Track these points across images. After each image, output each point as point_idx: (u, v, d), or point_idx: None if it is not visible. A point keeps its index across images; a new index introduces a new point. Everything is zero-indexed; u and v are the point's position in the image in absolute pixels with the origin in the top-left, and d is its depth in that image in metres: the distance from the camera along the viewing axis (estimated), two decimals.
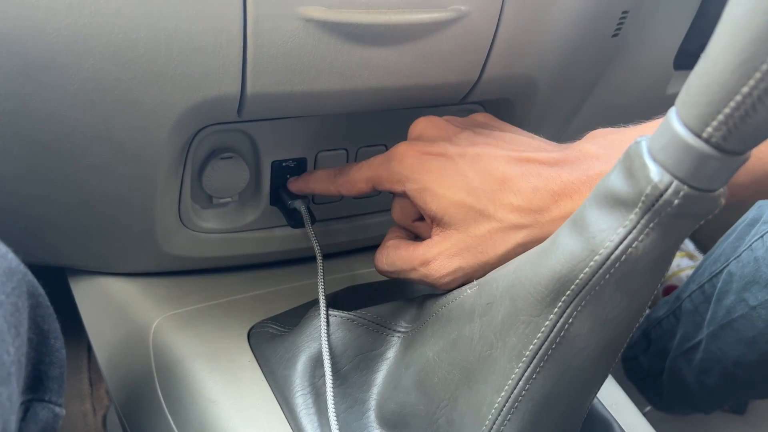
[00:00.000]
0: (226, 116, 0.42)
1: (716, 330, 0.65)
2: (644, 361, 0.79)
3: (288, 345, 0.43)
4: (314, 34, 0.38)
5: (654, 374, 0.78)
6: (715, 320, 0.65)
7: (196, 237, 0.50)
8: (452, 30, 0.42)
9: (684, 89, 0.27)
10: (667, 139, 0.27)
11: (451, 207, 0.38)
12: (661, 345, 0.75)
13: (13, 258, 0.31)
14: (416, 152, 0.40)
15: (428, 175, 0.39)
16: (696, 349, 0.69)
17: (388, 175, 0.41)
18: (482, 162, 0.39)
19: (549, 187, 0.37)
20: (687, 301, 0.71)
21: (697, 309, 0.69)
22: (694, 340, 0.69)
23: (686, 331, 0.70)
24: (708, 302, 0.67)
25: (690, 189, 0.27)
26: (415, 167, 0.40)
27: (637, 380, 0.80)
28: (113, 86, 0.38)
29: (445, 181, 0.39)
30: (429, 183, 0.39)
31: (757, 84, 0.24)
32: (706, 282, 0.68)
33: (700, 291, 0.69)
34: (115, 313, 0.52)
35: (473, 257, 0.38)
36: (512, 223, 0.37)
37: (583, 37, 0.50)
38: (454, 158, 0.39)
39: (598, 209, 0.30)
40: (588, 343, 0.32)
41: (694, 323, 0.69)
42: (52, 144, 0.40)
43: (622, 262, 0.29)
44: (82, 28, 0.35)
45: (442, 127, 0.42)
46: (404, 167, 0.40)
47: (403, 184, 0.40)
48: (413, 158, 0.40)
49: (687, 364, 0.71)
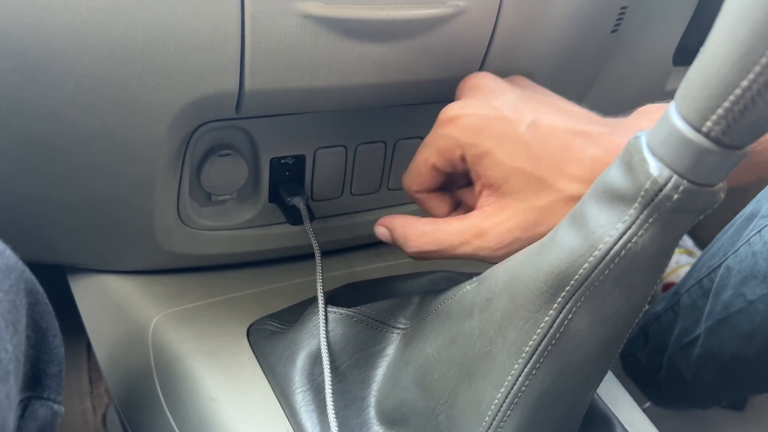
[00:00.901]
0: (225, 113, 0.42)
1: (714, 325, 0.65)
2: (642, 357, 0.79)
3: (287, 342, 0.43)
4: (312, 30, 0.38)
5: (652, 370, 0.78)
6: (713, 315, 0.65)
7: (195, 234, 0.50)
8: (451, 26, 0.42)
9: (683, 83, 0.27)
10: (666, 133, 0.27)
11: (512, 174, 0.37)
12: (659, 340, 0.75)
13: (11, 255, 0.31)
14: (472, 114, 0.38)
15: (488, 139, 0.37)
16: (694, 345, 0.69)
17: (444, 143, 0.39)
18: (541, 129, 0.37)
19: (608, 158, 0.34)
20: (685, 296, 0.71)
21: (695, 304, 0.69)
22: (692, 335, 0.69)
23: (684, 327, 0.70)
24: (706, 297, 0.67)
25: (689, 184, 0.27)
26: (474, 130, 0.37)
27: (635, 376, 0.80)
28: (111, 83, 0.37)
29: (506, 147, 0.37)
30: (489, 147, 0.37)
31: (756, 78, 0.24)
32: (704, 277, 0.68)
33: (698, 286, 0.69)
34: (114, 311, 0.52)
35: (532, 228, 0.37)
36: (573, 194, 0.36)
37: (582, 32, 0.50)
38: (513, 122, 0.37)
39: (597, 204, 0.30)
40: (587, 338, 0.32)
41: (692, 318, 0.69)
42: (50, 142, 0.40)
43: (622, 257, 0.29)
44: (78, 25, 0.35)
45: (494, 86, 0.40)
46: (462, 131, 0.38)
47: (462, 149, 0.38)
48: (470, 119, 0.38)
49: (685, 359, 0.71)
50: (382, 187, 0.55)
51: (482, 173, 0.38)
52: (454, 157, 0.39)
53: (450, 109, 0.39)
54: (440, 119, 0.39)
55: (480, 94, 0.40)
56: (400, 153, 0.53)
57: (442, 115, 0.39)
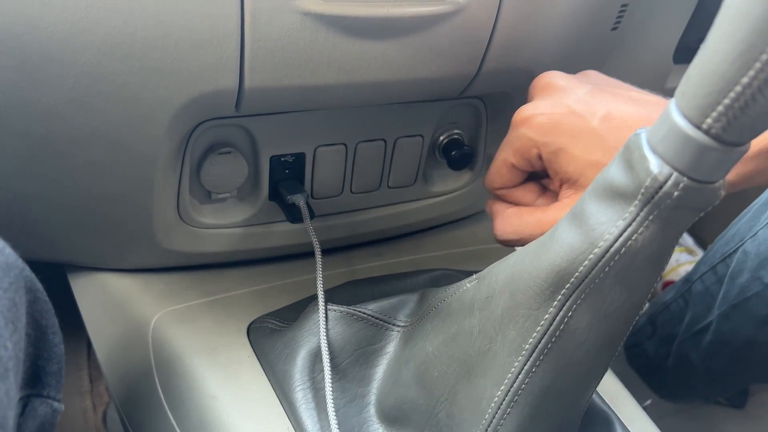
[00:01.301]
0: (224, 111, 0.42)
1: (728, 310, 0.65)
2: (649, 348, 0.78)
3: (287, 340, 0.43)
4: (312, 27, 0.38)
5: (659, 360, 0.77)
6: (728, 300, 0.65)
7: (195, 232, 0.50)
8: (451, 23, 0.42)
9: (683, 80, 0.27)
10: (666, 130, 0.27)
11: (587, 168, 0.38)
12: (668, 330, 0.75)
13: (10, 253, 0.30)
14: (544, 113, 0.39)
15: (561, 136, 0.39)
16: (705, 332, 0.68)
17: (520, 144, 0.40)
18: (614, 121, 0.38)
19: None
20: (697, 283, 0.70)
21: (708, 290, 0.68)
22: (703, 322, 0.69)
23: (696, 314, 0.70)
24: (720, 283, 0.66)
25: (690, 181, 0.26)
26: (547, 129, 0.39)
27: (640, 367, 0.80)
28: (110, 81, 0.37)
29: (580, 142, 0.38)
30: (564, 144, 0.38)
31: (756, 74, 0.24)
32: (719, 263, 0.67)
33: (712, 272, 0.68)
34: (114, 309, 0.52)
35: None
36: None
37: (582, 30, 0.50)
38: (585, 117, 0.39)
39: (597, 202, 0.30)
40: (587, 336, 0.32)
41: (705, 305, 0.69)
42: (49, 140, 0.40)
43: (622, 254, 0.29)
44: (78, 23, 0.35)
45: (564, 83, 0.41)
46: (535, 131, 0.39)
47: (538, 148, 0.40)
48: (542, 119, 0.39)
49: (695, 347, 0.70)
50: (382, 186, 0.55)
51: (559, 169, 0.39)
52: (531, 156, 0.40)
53: (523, 111, 0.41)
54: (514, 121, 0.41)
55: (551, 93, 0.41)
56: (400, 151, 0.53)
57: (516, 116, 0.41)
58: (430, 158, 0.56)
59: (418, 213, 0.59)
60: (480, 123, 0.55)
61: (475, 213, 0.65)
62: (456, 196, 0.59)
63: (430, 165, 0.57)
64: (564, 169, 0.39)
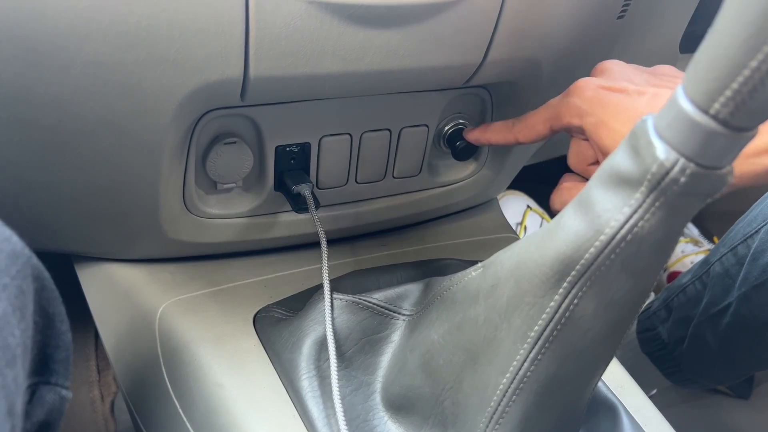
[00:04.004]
0: (230, 100, 0.42)
1: (749, 291, 0.65)
2: (663, 331, 0.78)
3: (293, 329, 0.44)
4: (317, 15, 0.38)
5: (673, 344, 0.77)
6: (748, 281, 0.64)
7: (201, 223, 0.50)
8: (455, 11, 0.41)
9: (691, 65, 0.26)
10: (673, 116, 0.26)
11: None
12: (684, 312, 0.74)
13: (17, 241, 0.31)
14: (596, 86, 0.41)
15: (605, 109, 0.40)
16: (724, 313, 0.68)
17: (566, 110, 0.42)
18: (660, 101, 0.39)
19: None
20: (717, 265, 0.70)
21: (728, 272, 0.68)
22: (722, 303, 0.68)
23: (714, 296, 0.70)
24: (740, 264, 0.66)
25: (697, 167, 0.26)
26: (594, 101, 0.41)
27: (653, 352, 0.79)
28: (115, 70, 0.37)
29: (621, 117, 0.40)
30: (606, 117, 0.40)
31: (765, 58, 0.23)
32: (739, 244, 0.67)
33: (732, 253, 0.68)
34: (121, 299, 0.52)
35: None
36: None
37: (587, 19, 0.50)
38: (632, 95, 0.40)
39: (603, 189, 0.30)
40: (593, 324, 0.32)
41: (724, 286, 0.68)
42: (56, 129, 0.40)
43: (628, 241, 0.29)
44: (83, 11, 0.35)
45: (625, 67, 0.43)
46: (583, 100, 0.41)
47: (581, 118, 0.41)
48: (592, 92, 0.41)
49: (712, 329, 0.70)
50: (387, 176, 0.55)
51: (599, 142, 0.41)
52: (570, 124, 0.42)
53: (579, 81, 0.43)
54: (568, 89, 0.43)
55: (608, 75, 0.43)
56: (405, 141, 0.53)
57: (571, 86, 0.43)
58: (435, 148, 0.56)
59: (423, 203, 0.59)
60: (485, 113, 0.55)
61: (480, 203, 0.65)
62: (461, 186, 0.59)
63: (435, 155, 0.57)
64: (603, 143, 0.40)
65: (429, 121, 0.53)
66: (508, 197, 0.92)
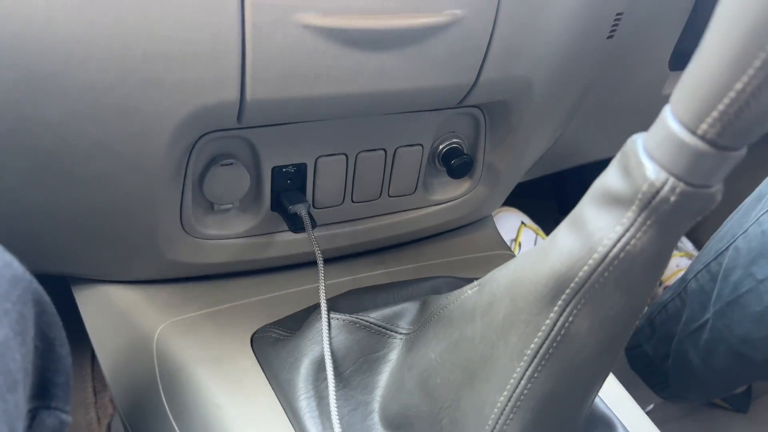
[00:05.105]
0: (226, 123, 0.42)
1: (723, 307, 0.65)
2: (649, 348, 0.78)
3: (291, 349, 0.44)
4: (312, 40, 0.39)
5: (659, 360, 0.77)
6: (722, 297, 0.65)
7: (198, 243, 0.50)
8: (448, 34, 0.42)
9: (678, 86, 0.27)
10: (662, 136, 0.27)
11: None
12: (666, 329, 0.75)
13: (18, 266, 0.31)
14: None
15: None
16: (702, 330, 0.68)
17: None
18: None
19: None
20: (692, 282, 0.70)
21: (703, 288, 0.68)
22: (700, 320, 0.69)
23: (692, 312, 0.70)
24: (714, 281, 0.67)
25: (686, 186, 0.27)
26: None
27: (641, 369, 0.80)
28: (113, 94, 0.38)
29: None
30: None
31: (750, 80, 0.24)
32: (712, 260, 0.67)
33: (706, 270, 0.68)
34: (118, 320, 0.52)
35: None
36: None
37: (578, 39, 0.51)
38: None
39: (595, 207, 0.30)
40: (588, 340, 0.32)
41: (700, 303, 0.69)
42: (54, 153, 0.41)
43: (621, 259, 0.29)
44: (81, 37, 0.36)
45: None
46: None
47: None
48: None
49: (693, 345, 0.70)
50: (383, 194, 0.56)
51: None
52: None
53: None
54: None
55: None
56: (400, 160, 0.54)
57: None
58: (430, 167, 0.57)
59: (419, 221, 0.59)
60: (479, 132, 0.55)
61: (475, 220, 0.65)
62: (456, 204, 0.60)
63: (430, 173, 0.57)
64: None
65: (423, 141, 0.54)
66: (503, 214, 0.93)
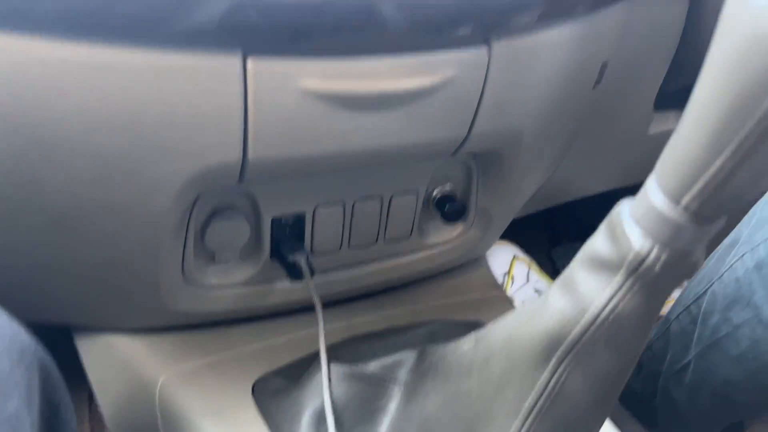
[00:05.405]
0: (228, 181, 0.44)
1: (703, 350, 0.66)
2: (636, 386, 0.79)
3: (292, 400, 0.44)
4: (312, 104, 0.40)
5: (647, 398, 0.78)
6: (702, 340, 0.66)
7: (199, 293, 0.51)
8: (440, 94, 0.44)
9: (660, 160, 0.29)
10: (647, 206, 0.29)
11: None
12: (652, 368, 0.76)
13: (25, 336, 0.32)
14: None
15: None
16: (686, 370, 0.70)
17: None
18: None
19: None
20: (674, 323, 0.71)
21: (684, 330, 0.70)
22: (683, 361, 0.70)
23: (675, 353, 0.71)
24: (694, 323, 0.68)
25: (670, 255, 0.28)
26: None
27: (631, 405, 0.80)
28: (120, 159, 0.39)
29: None
30: None
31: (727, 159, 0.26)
32: (692, 303, 0.69)
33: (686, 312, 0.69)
34: (120, 369, 0.53)
35: None
36: None
37: (565, 89, 0.52)
38: None
39: (585, 271, 0.32)
40: (582, 396, 0.33)
41: (683, 344, 0.70)
42: (63, 213, 0.42)
43: (610, 321, 0.31)
44: (92, 106, 0.37)
45: None
46: None
47: None
48: None
49: (678, 385, 0.71)
50: (379, 240, 0.57)
51: None
52: None
53: None
54: None
55: None
56: (395, 207, 0.55)
57: None
58: (425, 212, 0.58)
59: (415, 264, 0.60)
60: (471, 178, 0.57)
61: (468, 261, 0.66)
62: (450, 247, 0.61)
63: (424, 218, 0.59)
64: None
65: (418, 188, 0.55)
66: (495, 248, 0.94)
